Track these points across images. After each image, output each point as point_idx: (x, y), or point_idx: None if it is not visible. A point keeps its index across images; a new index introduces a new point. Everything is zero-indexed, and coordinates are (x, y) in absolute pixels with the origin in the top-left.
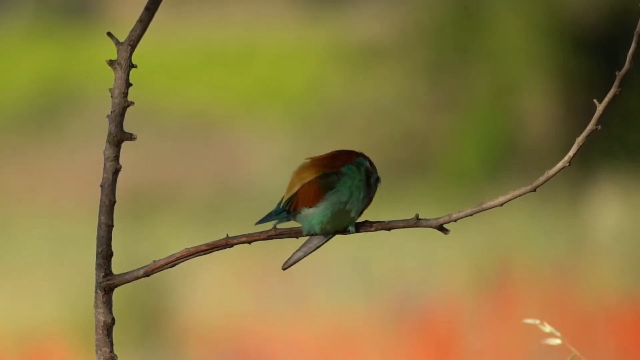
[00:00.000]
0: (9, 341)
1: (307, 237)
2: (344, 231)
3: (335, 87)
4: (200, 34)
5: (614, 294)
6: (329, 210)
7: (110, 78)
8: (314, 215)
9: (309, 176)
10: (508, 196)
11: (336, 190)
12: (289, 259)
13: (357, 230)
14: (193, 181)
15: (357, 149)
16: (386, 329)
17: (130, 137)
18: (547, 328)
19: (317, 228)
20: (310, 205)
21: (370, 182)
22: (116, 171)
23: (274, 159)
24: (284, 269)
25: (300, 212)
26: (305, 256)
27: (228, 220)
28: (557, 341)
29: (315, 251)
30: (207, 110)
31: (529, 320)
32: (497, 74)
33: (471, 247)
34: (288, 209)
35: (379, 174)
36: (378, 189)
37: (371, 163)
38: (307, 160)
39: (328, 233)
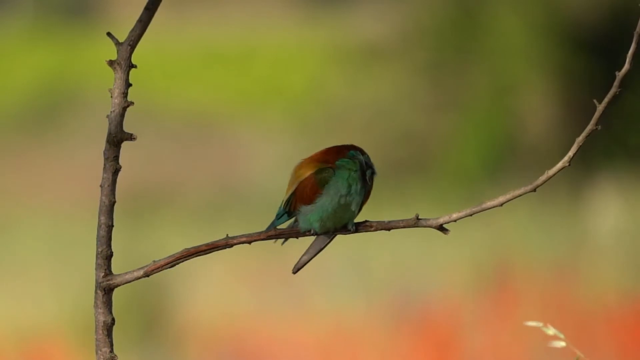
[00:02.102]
0: (9, 341)
1: (312, 240)
2: (344, 230)
3: (335, 87)
4: (200, 34)
5: (614, 294)
6: (329, 205)
7: (110, 78)
8: (312, 212)
9: (305, 174)
10: (508, 196)
11: (334, 182)
12: (297, 262)
13: (357, 230)
14: (193, 181)
15: None
16: (386, 329)
17: (130, 137)
18: (551, 330)
19: (316, 225)
20: (308, 202)
21: (365, 176)
22: (116, 171)
23: (274, 159)
24: (294, 272)
25: (299, 211)
26: (311, 259)
27: (228, 220)
28: (562, 344)
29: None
30: (207, 110)
31: (532, 323)
32: (497, 74)
33: (471, 247)
34: (288, 210)
35: (374, 168)
36: (379, 188)
37: (364, 154)
38: (302, 160)
39: (328, 230)
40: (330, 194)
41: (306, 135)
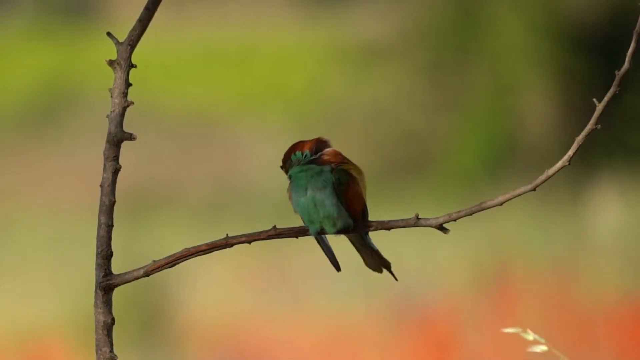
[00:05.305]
0: (9, 341)
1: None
2: (346, 230)
3: (335, 87)
4: (200, 34)
5: (613, 294)
6: (296, 206)
7: (110, 78)
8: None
9: None
10: (508, 196)
11: (291, 185)
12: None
13: (356, 229)
14: (193, 181)
15: (357, 149)
16: (386, 329)
17: (130, 137)
18: (530, 336)
19: (310, 226)
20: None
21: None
22: (116, 171)
23: (274, 159)
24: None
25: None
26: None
27: (228, 220)
28: (543, 348)
29: (314, 252)
30: (207, 110)
31: (510, 330)
32: (497, 74)
33: (471, 247)
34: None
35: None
36: (379, 188)
37: (316, 151)
38: None
39: (319, 230)
40: (293, 197)
41: (306, 135)
